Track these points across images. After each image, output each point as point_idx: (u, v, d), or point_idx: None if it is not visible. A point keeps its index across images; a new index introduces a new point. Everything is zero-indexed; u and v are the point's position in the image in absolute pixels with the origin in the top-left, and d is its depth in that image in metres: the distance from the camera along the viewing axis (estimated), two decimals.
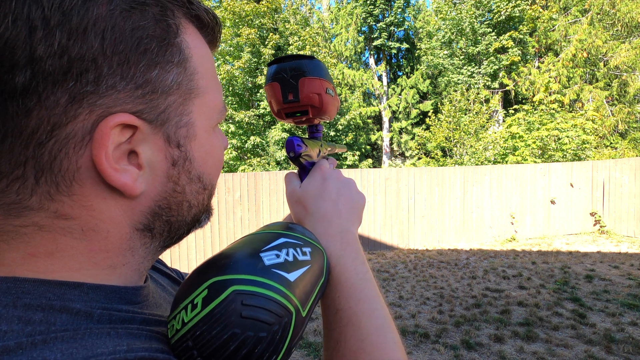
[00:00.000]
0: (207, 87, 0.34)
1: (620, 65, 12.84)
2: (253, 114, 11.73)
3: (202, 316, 0.28)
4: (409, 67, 20.26)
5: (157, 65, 0.29)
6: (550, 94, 13.85)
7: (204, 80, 0.34)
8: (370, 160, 15.66)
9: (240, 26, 12.22)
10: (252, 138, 11.37)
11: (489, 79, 15.90)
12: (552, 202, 8.14)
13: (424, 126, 16.90)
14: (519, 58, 15.29)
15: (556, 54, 15.48)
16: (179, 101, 0.31)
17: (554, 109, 11.55)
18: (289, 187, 0.54)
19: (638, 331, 3.52)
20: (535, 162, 10.11)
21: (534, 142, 10.61)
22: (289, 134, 10.95)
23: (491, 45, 15.46)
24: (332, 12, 21.03)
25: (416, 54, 19.40)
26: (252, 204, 6.53)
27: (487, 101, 15.12)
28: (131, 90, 0.28)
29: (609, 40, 13.55)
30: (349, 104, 15.19)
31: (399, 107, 18.68)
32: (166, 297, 0.43)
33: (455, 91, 14.94)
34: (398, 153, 20.34)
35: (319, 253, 0.39)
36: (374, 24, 19.26)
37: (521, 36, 15.48)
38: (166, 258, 5.52)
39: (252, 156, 11.90)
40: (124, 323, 0.29)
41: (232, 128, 11.48)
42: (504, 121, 15.67)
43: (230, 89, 11.95)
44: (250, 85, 12.34)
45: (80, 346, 0.24)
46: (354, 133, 14.68)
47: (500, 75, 15.94)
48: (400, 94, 18.95)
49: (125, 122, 0.27)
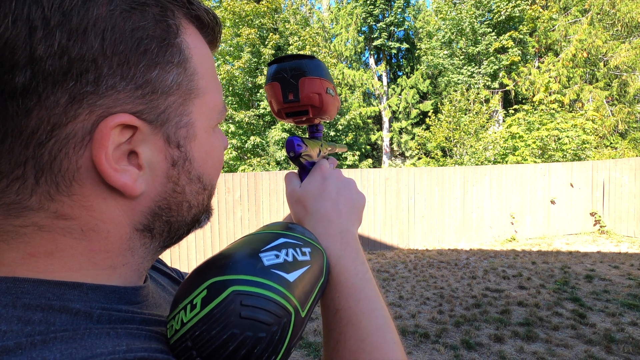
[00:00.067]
0: (207, 88, 0.34)
1: (620, 65, 12.84)
2: (253, 114, 11.73)
3: (201, 316, 0.28)
4: (409, 67, 20.26)
5: (157, 66, 0.29)
6: (550, 94, 13.85)
7: (204, 80, 0.34)
8: (370, 160, 15.66)
9: (240, 26, 12.22)
10: (252, 138, 11.37)
11: (489, 79, 15.90)
12: (552, 202, 8.13)
13: (424, 126, 16.90)
14: (519, 58, 15.29)
15: (556, 54, 15.48)
16: (179, 101, 0.31)
17: (554, 109, 11.55)
18: (289, 186, 0.54)
19: (638, 331, 3.52)
20: (535, 162, 10.11)
21: (534, 142, 10.60)
22: (289, 134, 10.95)
23: (491, 45, 15.46)
24: (332, 12, 21.03)
25: (416, 54, 19.40)
26: (252, 204, 6.53)
27: (487, 101, 15.11)
28: (131, 91, 0.28)
29: (609, 40, 13.55)
30: (349, 104, 15.18)
31: (399, 107, 18.68)
32: (166, 297, 0.43)
33: (455, 91, 14.94)
34: (398, 153, 20.33)
35: (318, 253, 0.39)
36: (374, 24, 19.26)
37: (521, 36, 15.47)
38: (166, 258, 5.52)
39: (252, 156, 11.90)
40: (123, 323, 0.29)
41: (232, 128, 11.48)
42: (504, 121, 15.67)
43: (230, 89, 11.95)
44: (250, 85, 12.34)
45: (79, 346, 0.24)
46: (354, 133, 14.68)
47: (500, 75, 15.94)
48: (400, 94, 18.95)
49: (125, 123, 0.27)
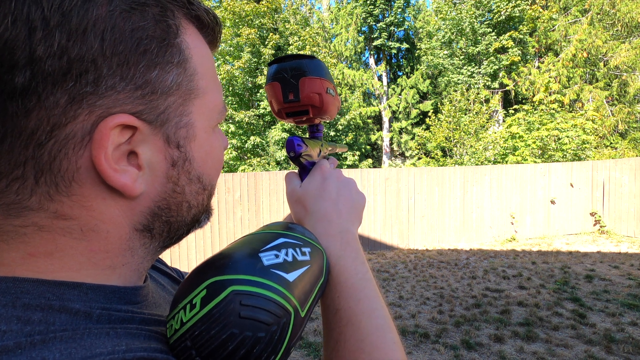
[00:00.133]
0: (207, 88, 0.34)
1: (620, 65, 12.84)
2: (253, 114, 11.73)
3: (200, 316, 0.28)
4: (409, 67, 20.26)
5: (156, 66, 0.29)
6: (550, 94, 13.85)
7: (204, 80, 0.34)
8: (370, 160, 15.66)
9: (240, 26, 12.22)
10: (252, 138, 11.37)
11: (489, 79, 15.89)
12: (552, 202, 8.13)
13: (424, 126, 16.89)
14: (519, 58, 15.28)
15: (556, 54, 15.48)
16: (179, 102, 0.31)
17: (554, 109, 11.55)
18: (289, 186, 0.54)
19: (638, 331, 3.52)
20: (535, 162, 10.11)
21: (534, 142, 10.60)
22: (289, 134, 10.95)
23: (491, 45, 15.45)
24: (332, 12, 21.03)
25: (416, 54, 19.40)
26: (252, 204, 6.53)
27: (487, 101, 15.11)
28: (131, 91, 0.28)
29: (609, 40, 13.54)
30: (349, 104, 15.18)
31: (399, 107, 18.68)
32: (166, 296, 0.43)
33: (455, 91, 14.94)
34: (398, 153, 20.33)
35: (318, 253, 0.39)
36: (374, 24, 19.26)
37: (521, 36, 15.47)
38: (166, 258, 5.52)
39: (252, 156, 11.90)
40: (123, 323, 0.29)
41: (232, 128, 11.48)
42: (504, 121, 15.66)
43: (230, 89, 11.94)
44: (250, 85, 12.34)
45: (79, 346, 0.24)
46: (354, 133, 14.69)
47: (500, 75, 15.93)
48: (400, 94, 18.95)
49: (125, 123, 0.27)
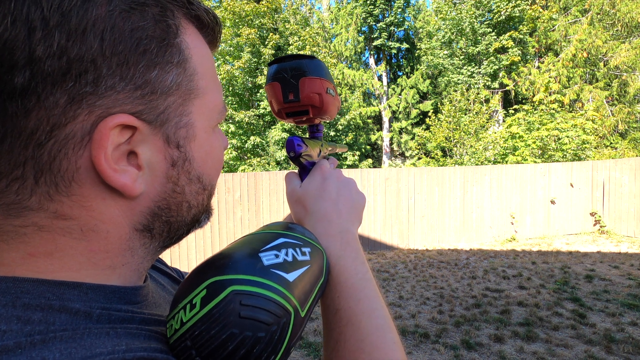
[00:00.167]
0: (206, 88, 0.34)
1: (620, 65, 12.84)
2: (253, 114, 11.73)
3: (200, 316, 0.28)
4: (409, 67, 20.26)
5: (156, 66, 0.29)
6: (550, 94, 13.85)
7: (204, 80, 0.34)
8: (370, 160, 15.66)
9: (240, 26, 12.22)
10: (252, 138, 11.37)
11: (489, 79, 15.89)
12: (552, 202, 8.13)
13: (424, 126, 16.89)
14: (519, 58, 15.28)
15: (556, 54, 15.47)
16: (179, 102, 0.31)
17: (554, 109, 11.55)
18: (289, 186, 0.54)
19: (638, 331, 3.52)
20: (535, 162, 10.11)
21: (534, 142, 10.60)
22: (289, 134, 10.95)
23: (491, 45, 15.46)
24: (332, 12, 21.03)
25: (416, 54, 19.40)
26: (252, 204, 6.53)
27: (487, 101, 15.11)
28: (130, 91, 0.28)
29: (609, 40, 13.54)
30: (349, 104, 15.19)
31: (399, 107, 18.68)
32: (166, 296, 0.43)
33: (455, 91, 14.94)
34: (398, 153, 20.33)
35: (318, 253, 0.39)
36: (374, 24, 19.26)
37: (521, 36, 15.47)
38: (166, 258, 5.52)
39: (252, 156, 11.90)
40: (123, 323, 0.29)
41: (232, 128, 11.48)
42: (504, 121, 15.66)
43: (230, 89, 11.95)
44: (250, 85, 12.34)
45: (79, 346, 0.24)
46: (354, 133, 14.69)
47: (500, 75, 15.93)
48: (400, 94, 18.95)
49: (125, 123, 0.27)
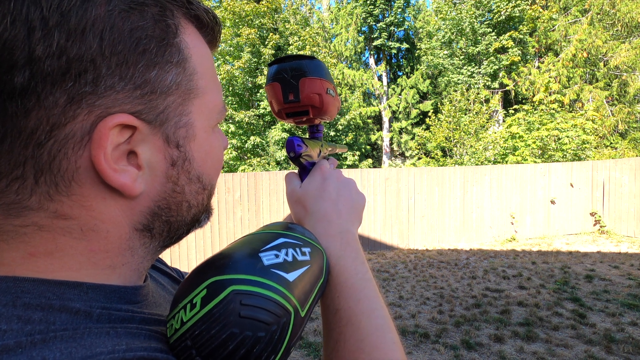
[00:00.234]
0: (206, 87, 0.34)
1: (620, 65, 12.84)
2: (253, 114, 11.73)
3: (200, 316, 0.28)
4: (409, 67, 20.26)
5: (156, 66, 0.29)
6: (550, 94, 13.85)
7: (204, 80, 0.34)
8: (370, 160, 15.66)
9: (240, 26, 12.22)
10: (252, 138, 11.37)
11: (489, 79, 15.89)
12: (552, 202, 8.13)
13: (424, 126, 16.89)
14: (519, 58, 15.28)
15: (556, 54, 15.47)
16: (178, 101, 0.31)
17: (554, 109, 11.55)
18: (289, 187, 0.54)
19: (638, 331, 3.52)
20: (535, 162, 10.11)
21: (534, 142, 10.60)
22: (289, 134, 10.95)
23: (491, 45, 15.45)
24: (332, 12, 21.03)
25: (416, 54, 19.40)
26: (252, 204, 6.53)
27: (487, 101, 15.11)
28: (130, 91, 0.28)
29: (609, 40, 13.54)
30: (349, 104, 15.19)
31: (399, 107, 18.68)
32: (166, 296, 0.43)
33: (455, 91, 14.94)
34: (398, 153, 20.33)
35: (318, 253, 0.39)
36: (374, 24, 19.26)
37: (521, 36, 15.47)
38: (166, 258, 5.52)
39: (252, 156, 11.90)
40: (123, 322, 0.29)
41: (232, 128, 11.48)
42: (504, 121, 15.66)
43: (230, 89, 11.95)
44: (250, 85, 12.34)
45: (79, 345, 0.24)
46: (354, 133, 14.69)
47: (500, 75, 15.93)
48: (400, 94, 18.94)
49: (124, 123, 0.27)
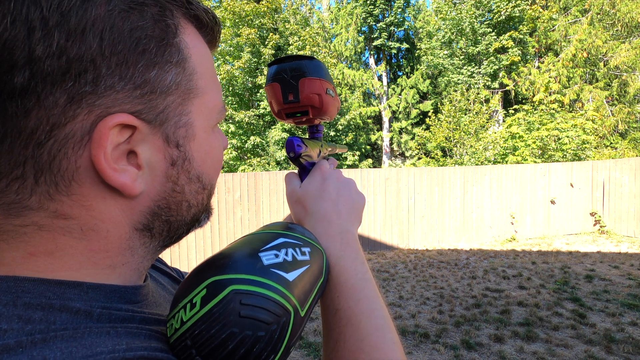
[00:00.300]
0: (206, 87, 0.34)
1: (620, 65, 12.84)
2: (253, 114, 11.73)
3: (200, 315, 0.28)
4: (409, 67, 20.26)
5: (155, 66, 0.29)
6: (550, 94, 13.85)
7: (203, 80, 0.34)
8: (370, 160, 15.66)
9: (240, 26, 12.22)
10: (252, 138, 11.37)
11: (489, 79, 15.89)
12: (552, 202, 8.13)
13: (424, 126, 16.89)
14: (519, 58, 15.28)
15: (556, 54, 15.48)
16: (178, 101, 0.31)
17: (554, 109, 11.55)
18: (289, 187, 0.54)
19: (638, 331, 3.52)
20: (535, 162, 10.11)
21: (534, 142, 10.60)
22: (289, 134, 10.95)
23: (491, 45, 15.45)
24: (332, 12, 21.03)
25: (416, 54, 19.40)
26: (252, 204, 6.53)
27: (487, 101, 15.11)
28: (130, 91, 0.28)
29: (609, 40, 13.54)
30: (349, 104, 15.19)
31: (399, 107, 18.68)
32: (166, 296, 0.43)
33: (455, 91, 14.94)
34: (398, 153, 20.33)
35: (318, 253, 0.39)
36: (374, 24, 19.26)
37: (521, 36, 15.47)
38: (166, 258, 5.52)
39: (252, 156, 11.90)
40: (123, 322, 0.29)
41: (232, 128, 11.48)
42: (504, 121, 15.66)
43: (230, 89, 11.95)
44: (250, 85, 12.34)
45: (79, 345, 0.24)
46: (354, 133, 14.69)
47: (500, 75, 15.93)
48: (400, 94, 18.95)
49: (124, 122, 0.27)
